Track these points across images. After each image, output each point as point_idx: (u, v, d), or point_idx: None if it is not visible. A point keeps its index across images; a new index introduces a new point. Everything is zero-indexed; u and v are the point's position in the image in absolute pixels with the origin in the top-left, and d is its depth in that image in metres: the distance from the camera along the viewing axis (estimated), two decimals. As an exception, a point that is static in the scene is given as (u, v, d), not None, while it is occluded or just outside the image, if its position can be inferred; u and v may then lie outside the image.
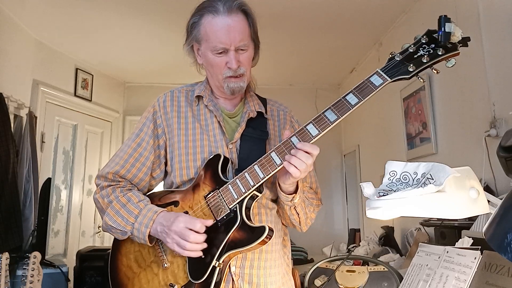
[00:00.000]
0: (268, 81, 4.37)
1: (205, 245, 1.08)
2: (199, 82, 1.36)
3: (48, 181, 3.28)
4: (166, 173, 1.29)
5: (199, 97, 1.29)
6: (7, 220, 2.70)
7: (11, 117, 2.95)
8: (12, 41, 3.09)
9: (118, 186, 1.22)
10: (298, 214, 1.23)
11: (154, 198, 1.24)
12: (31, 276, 1.80)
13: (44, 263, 2.78)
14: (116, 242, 1.25)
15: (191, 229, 1.07)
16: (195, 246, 1.07)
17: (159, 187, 1.33)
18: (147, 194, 1.27)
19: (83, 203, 4.10)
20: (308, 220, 1.28)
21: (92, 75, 4.21)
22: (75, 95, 3.97)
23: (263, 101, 1.35)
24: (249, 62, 1.22)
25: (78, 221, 4.02)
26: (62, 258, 3.71)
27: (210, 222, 1.11)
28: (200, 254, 1.08)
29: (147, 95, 4.69)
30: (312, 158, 1.05)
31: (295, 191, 1.16)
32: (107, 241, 4.38)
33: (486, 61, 2.00)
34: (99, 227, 4.32)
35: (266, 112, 1.31)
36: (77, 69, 4.00)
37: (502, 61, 1.91)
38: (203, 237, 1.08)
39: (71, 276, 3.19)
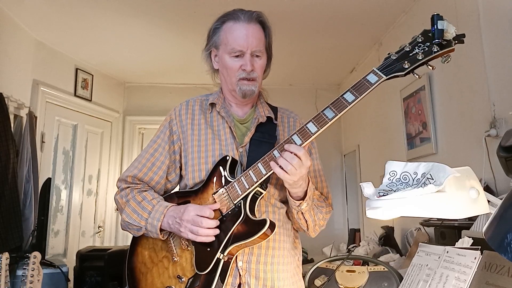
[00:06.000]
0: (268, 81, 4.34)
1: (217, 231, 1.15)
2: (213, 92, 1.44)
3: (48, 181, 3.28)
4: (181, 177, 1.37)
5: (212, 105, 1.37)
6: (7, 220, 2.70)
7: (11, 117, 2.95)
8: (12, 41, 3.09)
9: (135, 187, 1.32)
10: (306, 221, 1.28)
11: (168, 199, 1.31)
12: (31, 276, 1.80)
13: (44, 263, 2.78)
14: (133, 242, 1.33)
15: (201, 216, 1.14)
16: (208, 231, 1.13)
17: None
18: (163, 196, 1.34)
19: (83, 203, 4.10)
20: (316, 227, 1.32)
21: (92, 75, 4.21)
22: (75, 95, 3.97)
23: (274, 109, 1.42)
24: (261, 70, 1.32)
25: (78, 221, 4.03)
26: (62, 258, 3.71)
27: (217, 205, 1.18)
28: (213, 238, 1.14)
29: (147, 95, 4.69)
30: (297, 159, 1.08)
31: (303, 198, 1.20)
32: (107, 241, 4.39)
33: (486, 61, 2.00)
34: (99, 227, 4.33)
35: (276, 118, 1.37)
36: (77, 69, 4.00)
37: (502, 61, 1.91)
38: (215, 222, 1.15)
39: (71, 276, 3.19)
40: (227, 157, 1.24)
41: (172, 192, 1.36)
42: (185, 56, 3.84)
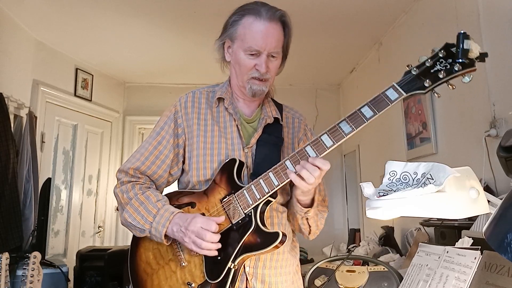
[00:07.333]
0: (268, 81, 4.37)
1: (219, 245, 1.13)
2: (220, 83, 1.39)
3: (48, 181, 3.28)
4: (182, 171, 1.33)
5: (219, 99, 1.33)
6: (7, 220, 2.70)
7: (11, 117, 2.95)
8: (12, 41, 3.09)
9: (137, 183, 1.27)
10: (310, 226, 1.29)
11: (172, 198, 1.27)
12: (31, 276, 1.80)
13: (44, 263, 2.78)
14: (136, 239, 1.29)
15: (206, 230, 1.11)
16: (211, 245, 1.11)
17: (174, 185, 1.38)
18: (165, 194, 1.31)
19: (83, 203, 4.10)
20: (317, 230, 1.33)
21: (92, 75, 4.21)
22: (75, 95, 3.97)
23: (279, 107, 1.40)
24: (275, 71, 1.29)
25: (78, 221, 4.02)
26: (62, 258, 3.71)
27: (222, 219, 1.16)
28: (216, 253, 1.13)
29: (147, 95, 4.70)
30: (320, 172, 1.07)
31: (311, 205, 1.21)
32: (107, 241, 4.39)
33: (486, 61, 1.99)
34: (99, 227, 4.32)
35: (281, 119, 1.35)
36: (77, 69, 4.00)
37: (502, 61, 1.91)
38: (218, 237, 1.13)
39: (71, 276, 3.19)
40: (235, 160, 1.21)
41: (177, 191, 1.32)
42: (185, 56, 3.84)
